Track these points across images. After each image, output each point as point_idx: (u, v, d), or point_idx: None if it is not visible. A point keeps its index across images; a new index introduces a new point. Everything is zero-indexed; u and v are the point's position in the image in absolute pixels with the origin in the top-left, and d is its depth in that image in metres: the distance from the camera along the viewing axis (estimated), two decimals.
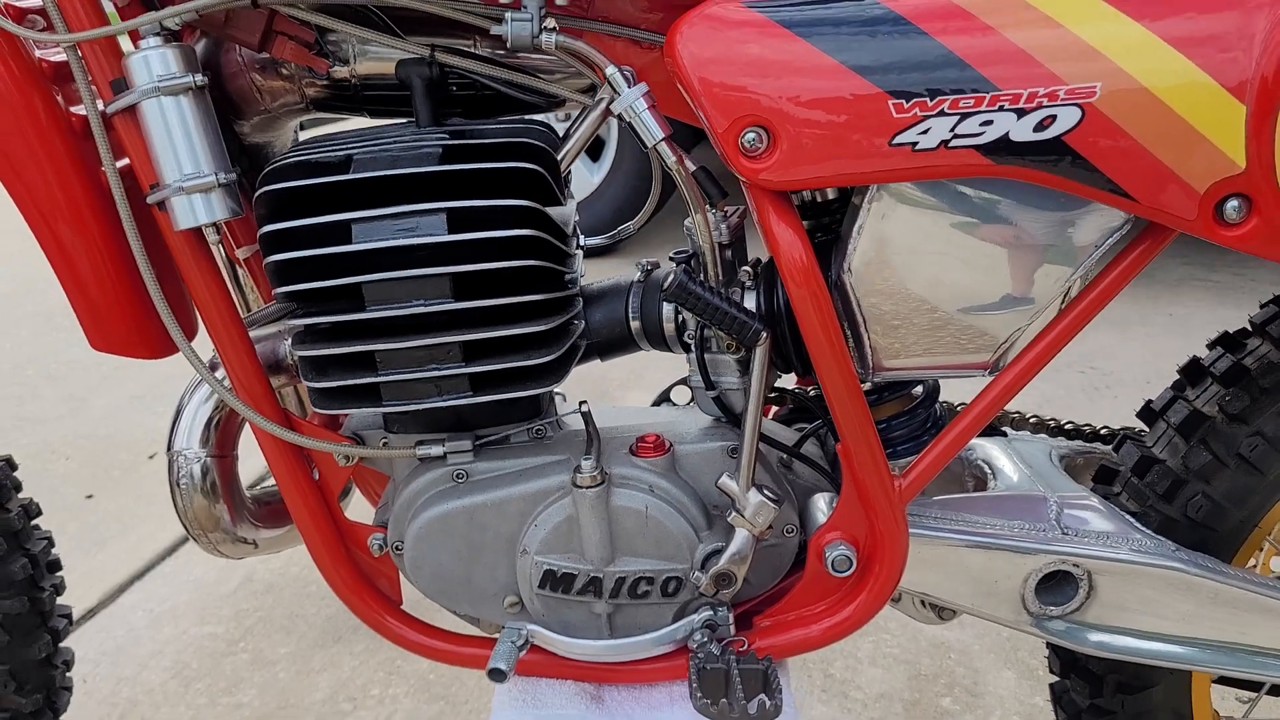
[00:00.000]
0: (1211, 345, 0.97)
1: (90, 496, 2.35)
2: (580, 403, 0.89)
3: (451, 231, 0.77)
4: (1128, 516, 0.92)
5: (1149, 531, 0.91)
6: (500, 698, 0.89)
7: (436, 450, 0.86)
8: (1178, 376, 0.98)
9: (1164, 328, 2.88)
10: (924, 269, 0.79)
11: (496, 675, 0.82)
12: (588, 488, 0.81)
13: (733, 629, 0.86)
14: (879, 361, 0.83)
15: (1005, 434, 1.07)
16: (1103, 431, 1.06)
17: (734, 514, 0.83)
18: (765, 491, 0.82)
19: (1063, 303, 0.81)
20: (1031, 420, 1.07)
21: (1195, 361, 0.97)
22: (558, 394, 0.99)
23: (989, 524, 0.89)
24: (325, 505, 0.90)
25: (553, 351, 0.81)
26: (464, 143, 0.80)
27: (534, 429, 0.88)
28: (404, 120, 0.88)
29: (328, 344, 0.80)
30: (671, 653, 0.87)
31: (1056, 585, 0.90)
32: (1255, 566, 0.98)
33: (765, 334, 0.80)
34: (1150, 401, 0.99)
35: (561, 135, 0.84)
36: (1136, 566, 0.88)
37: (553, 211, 0.81)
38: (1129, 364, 2.67)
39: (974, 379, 0.84)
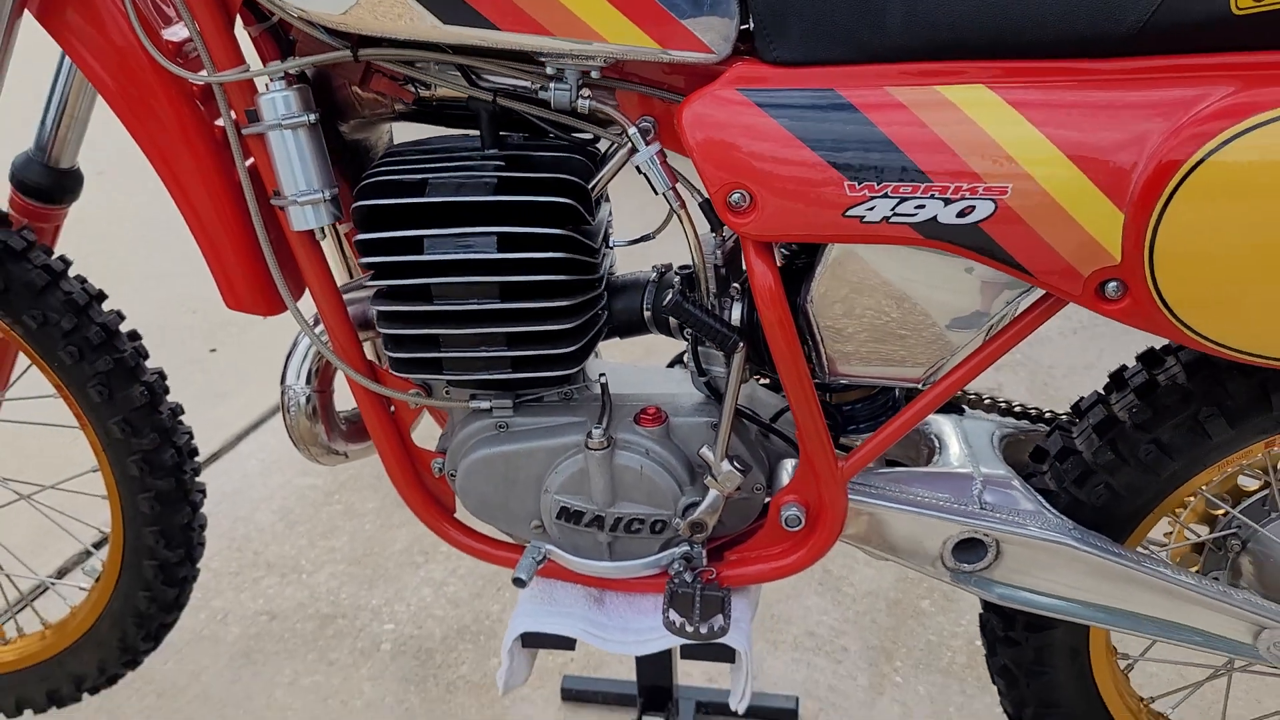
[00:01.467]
0: (1138, 359, 1.15)
1: (214, 350, 2.68)
2: (600, 375, 1.12)
3: (500, 250, 0.99)
4: (1039, 497, 1.13)
5: (1054, 511, 1.12)
6: (524, 595, 1.16)
7: (485, 405, 1.10)
8: (1108, 380, 1.17)
9: None
10: (868, 307, 0.98)
11: (519, 582, 1.08)
12: (596, 450, 1.05)
13: (705, 561, 1.11)
14: (833, 368, 1.04)
15: (963, 411, 1.27)
16: (1047, 415, 1.26)
17: (709, 478, 1.06)
18: (735, 463, 1.05)
19: (985, 337, 1.00)
20: (986, 401, 1.27)
21: (1121, 371, 1.15)
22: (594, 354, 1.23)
23: (920, 496, 1.11)
24: (399, 434, 1.16)
25: (576, 343, 1.03)
26: (515, 175, 1.01)
27: (564, 392, 1.12)
28: (473, 133, 1.09)
29: (403, 325, 1.04)
30: (656, 575, 1.12)
31: (970, 548, 1.12)
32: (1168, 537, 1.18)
33: (741, 345, 1.01)
34: (1081, 399, 1.18)
35: (598, 159, 1.05)
36: (1036, 541, 1.10)
37: (583, 230, 1.02)
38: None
39: None
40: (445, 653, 1.73)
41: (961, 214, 0.90)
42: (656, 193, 0.98)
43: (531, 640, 1.15)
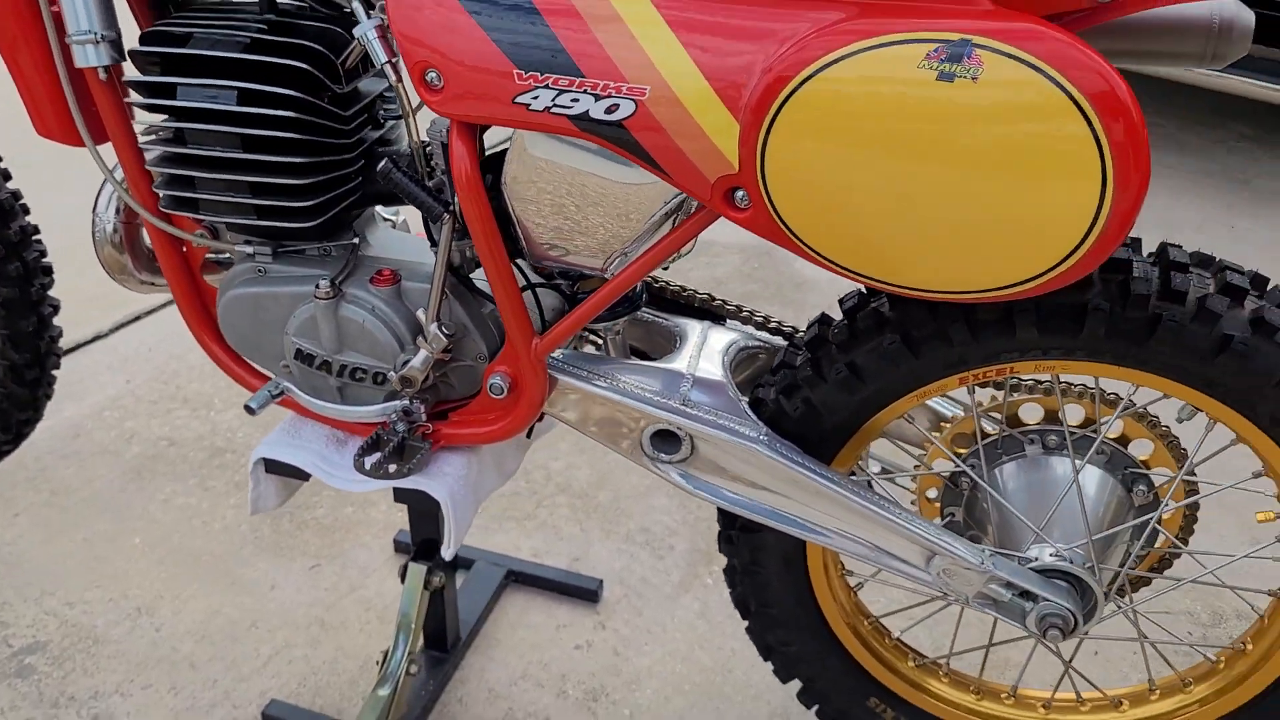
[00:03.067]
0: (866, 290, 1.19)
1: None
2: (354, 236, 1.22)
3: (240, 105, 1.09)
4: (743, 403, 1.19)
5: (754, 418, 1.18)
6: (275, 432, 1.28)
7: (248, 250, 1.21)
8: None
9: (1217, 239, 2.87)
10: (550, 195, 1.06)
11: (249, 409, 1.20)
12: (322, 299, 1.16)
13: (424, 417, 1.21)
14: (534, 250, 1.12)
15: (723, 321, 1.33)
16: (787, 330, 1.31)
17: (420, 338, 1.16)
18: (443, 327, 1.15)
19: (655, 235, 1.06)
20: (743, 314, 1.33)
21: (845, 299, 1.20)
22: (389, 219, 1.33)
23: (623, 384, 1.18)
24: (188, 270, 1.29)
25: (313, 199, 1.14)
26: (269, 38, 1.10)
27: (323, 247, 1.22)
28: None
29: (165, 165, 1.16)
30: (379, 423, 1.23)
31: (667, 440, 1.19)
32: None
33: (447, 215, 1.10)
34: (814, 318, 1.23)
35: None
36: (725, 440, 1.16)
37: (329, 96, 1.11)
38: None
39: None
40: (308, 497, 1.88)
41: (609, 111, 0.96)
42: (377, 66, 1.07)
43: (273, 467, 1.28)
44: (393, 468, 1.17)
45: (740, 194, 0.96)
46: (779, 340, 1.32)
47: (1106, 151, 0.83)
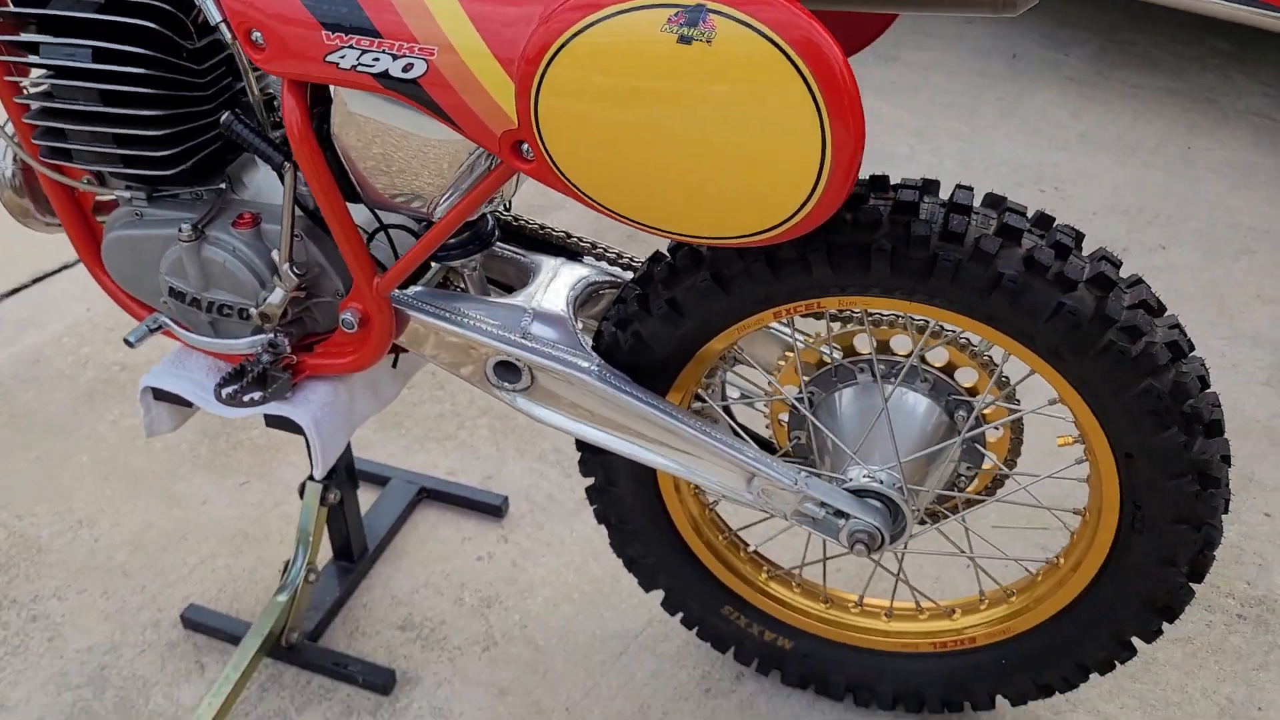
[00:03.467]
0: None
1: None
2: (222, 181, 1.31)
3: (94, 62, 1.18)
4: (579, 335, 1.28)
5: (587, 349, 1.27)
6: (161, 362, 1.39)
7: (126, 194, 1.31)
8: None
9: (1171, 160, 2.87)
10: (372, 145, 1.14)
11: (127, 343, 1.32)
12: (185, 241, 1.26)
13: (288, 350, 1.31)
14: (368, 195, 1.21)
15: (580, 258, 1.41)
16: (638, 265, 1.39)
17: (276, 276, 1.25)
18: (294, 267, 1.24)
19: (469, 181, 1.14)
20: (596, 250, 1.41)
21: None
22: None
23: (466, 318, 1.27)
24: (80, 211, 1.39)
25: (170, 149, 1.23)
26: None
27: (195, 192, 1.32)
28: None
29: (39, 118, 1.25)
30: (249, 355, 1.34)
31: (509, 370, 1.28)
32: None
33: (286, 164, 1.18)
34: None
35: None
36: (559, 370, 1.26)
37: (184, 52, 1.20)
38: (1098, 190, 2.73)
39: None
40: (246, 422, 2.00)
41: (405, 70, 1.04)
42: (212, 24, 1.15)
43: (160, 395, 1.39)
44: (252, 396, 1.28)
45: (525, 147, 1.03)
46: (628, 275, 1.40)
47: (823, 110, 0.89)
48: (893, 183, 1.16)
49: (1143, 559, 1.23)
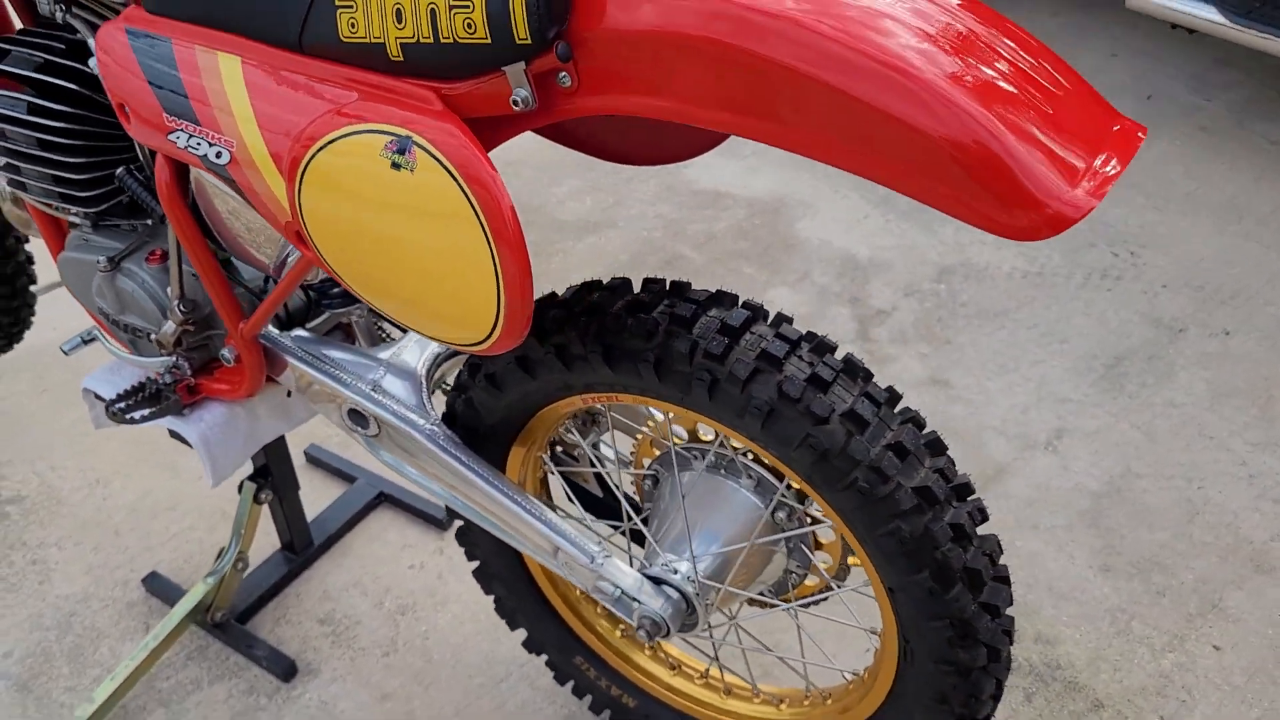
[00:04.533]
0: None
1: None
2: (160, 216, 1.48)
3: (28, 114, 1.37)
4: (424, 393, 1.37)
5: (427, 408, 1.36)
6: (99, 369, 1.59)
7: (76, 220, 1.51)
8: None
9: (1278, 233, 2.62)
10: (220, 209, 1.27)
11: (62, 350, 1.51)
12: (101, 271, 1.44)
13: (189, 372, 1.47)
14: (229, 247, 1.34)
15: None
16: None
17: (169, 310, 1.42)
18: (183, 304, 1.40)
19: (296, 256, 1.25)
20: None
21: None
22: None
23: (327, 365, 1.39)
24: (59, 227, 1.60)
25: (89, 191, 1.40)
26: (59, 61, 1.36)
27: (132, 224, 1.49)
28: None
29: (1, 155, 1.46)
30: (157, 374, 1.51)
31: (361, 418, 1.39)
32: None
33: (163, 215, 1.33)
34: None
35: None
36: (396, 425, 1.35)
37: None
38: (1178, 259, 2.53)
39: None
40: None
41: (217, 156, 1.16)
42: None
43: (99, 396, 1.59)
44: (141, 413, 1.45)
45: (304, 236, 1.13)
46: None
47: (494, 248, 0.95)
48: (689, 294, 1.18)
49: (917, 692, 1.22)
